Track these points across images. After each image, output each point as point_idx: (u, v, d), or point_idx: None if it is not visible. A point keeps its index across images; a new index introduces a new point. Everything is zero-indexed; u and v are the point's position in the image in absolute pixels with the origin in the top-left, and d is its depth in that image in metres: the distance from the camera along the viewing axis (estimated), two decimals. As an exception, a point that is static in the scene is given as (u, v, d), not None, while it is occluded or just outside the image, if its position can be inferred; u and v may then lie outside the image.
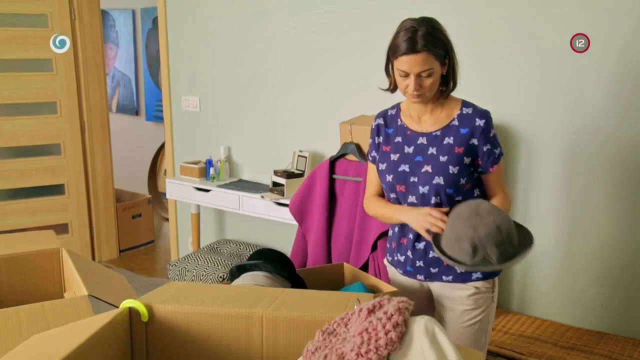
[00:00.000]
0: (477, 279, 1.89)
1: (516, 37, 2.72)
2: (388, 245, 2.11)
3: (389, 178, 1.93)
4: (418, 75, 1.78)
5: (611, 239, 2.60)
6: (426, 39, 1.74)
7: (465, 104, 1.90)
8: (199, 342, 1.30)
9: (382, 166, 1.96)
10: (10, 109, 4.20)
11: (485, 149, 1.85)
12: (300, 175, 3.38)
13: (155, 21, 5.69)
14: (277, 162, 3.69)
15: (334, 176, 2.91)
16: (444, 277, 1.92)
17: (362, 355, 1.10)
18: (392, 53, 1.81)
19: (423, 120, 1.92)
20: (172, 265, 3.66)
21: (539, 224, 2.76)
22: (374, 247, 2.68)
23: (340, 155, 2.91)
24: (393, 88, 1.93)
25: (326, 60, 3.40)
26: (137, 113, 6.23)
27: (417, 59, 1.75)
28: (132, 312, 1.27)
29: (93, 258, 4.69)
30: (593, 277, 2.66)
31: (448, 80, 1.88)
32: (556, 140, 2.69)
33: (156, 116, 5.95)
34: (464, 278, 1.90)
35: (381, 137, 2.01)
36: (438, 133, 1.88)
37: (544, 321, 2.71)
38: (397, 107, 2.02)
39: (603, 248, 2.62)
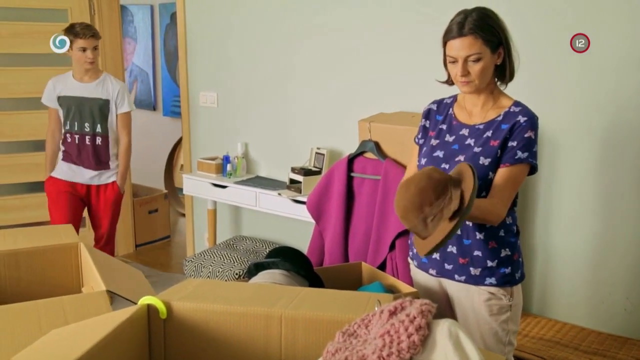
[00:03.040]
0: (491, 284, 1.85)
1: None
2: (410, 241, 2.08)
3: (423, 161, 1.93)
4: (465, 61, 1.76)
5: (638, 241, 2.55)
6: (475, 23, 1.74)
7: (517, 103, 1.85)
8: (217, 340, 1.28)
9: (423, 149, 1.98)
10: (30, 103, 4.23)
11: (510, 144, 1.79)
12: (318, 172, 3.36)
13: (173, 16, 5.69)
14: (295, 159, 3.67)
15: (352, 174, 2.88)
16: (456, 277, 1.89)
17: (383, 358, 1.08)
18: (444, 39, 1.82)
19: (473, 113, 1.90)
20: (188, 261, 3.67)
21: (562, 224, 2.72)
22: (392, 247, 2.65)
23: (359, 153, 2.88)
24: (449, 80, 1.92)
25: (346, 58, 3.37)
26: (154, 108, 6.24)
27: (464, 43, 1.74)
28: (150, 308, 1.26)
29: (109, 252, 4.71)
30: (617, 281, 2.61)
31: (503, 71, 1.84)
32: (572, 140, 2.64)
33: (173, 111, 5.96)
34: (476, 280, 1.86)
35: (428, 122, 2.01)
36: (481, 127, 1.86)
37: (565, 324, 2.67)
38: (454, 97, 2.00)
39: (629, 251, 2.57)
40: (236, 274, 3.39)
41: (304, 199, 3.16)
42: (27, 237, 1.85)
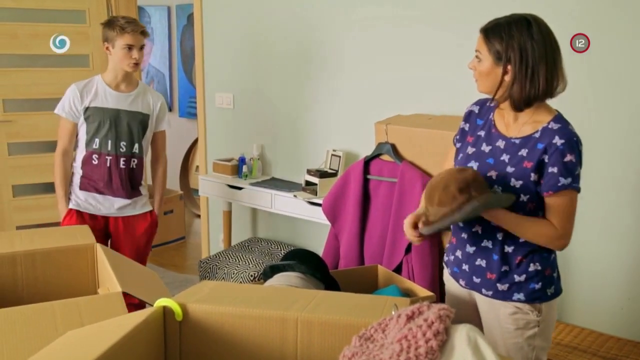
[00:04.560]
0: (519, 300, 1.80)
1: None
2: (448, 245, 2.03)
3: None
4: (476, 57, 1.79)
5: (655, 247, 2.52)
6: (491, 26, 1.75)
7: (557, 119, 1.72)
8: (232, 343, 1.28)
9: (459, 155, 1.90)
10: (47, 104, 4.25)
11: (550, 170, 1.69)
12: (334, 174, 3.35)
13: (190, 18, 5.72)
14: (311, 160, 3.66)
15: (368, 176, 2.87)
16: (483, 291, 1.85)
17: (401, 364, 1.06)
18: None
19: (510, 124, 1.80)
20: (203, 263, 3.67)
21: (580, 229, 2.68)
22: (408, 250, 2.63)
23: (375, 156, 2.87)
24: None
25: (363, 59, 3.36)
26: (170, 109, 6.27)
27: (479, 38, 1.78)
28: (166, 310, 1.26)
29: (125, 252, 4.72)
30: (637, 287, 2.57)
31: (513, 87, 1.70)
32: (591, 144, 2.61)
33: (189, 112, 5.98)
34: (504, 295, 1.81)
35: (468, 125, 1.93)
36: (517, 141, 1.76)
37: (583, 330, 2.64)
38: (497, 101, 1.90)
39: (646, 256, 2.54)
40: (251, 275, 3.39)
41: (320, 201, 3.15)
42: (43, 237, 1.86)
